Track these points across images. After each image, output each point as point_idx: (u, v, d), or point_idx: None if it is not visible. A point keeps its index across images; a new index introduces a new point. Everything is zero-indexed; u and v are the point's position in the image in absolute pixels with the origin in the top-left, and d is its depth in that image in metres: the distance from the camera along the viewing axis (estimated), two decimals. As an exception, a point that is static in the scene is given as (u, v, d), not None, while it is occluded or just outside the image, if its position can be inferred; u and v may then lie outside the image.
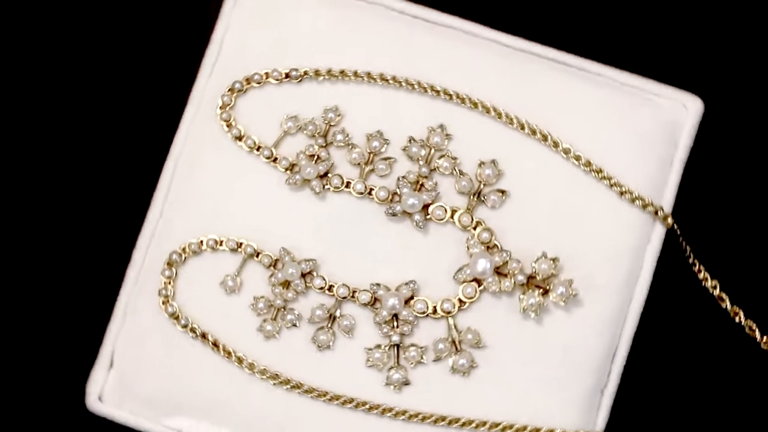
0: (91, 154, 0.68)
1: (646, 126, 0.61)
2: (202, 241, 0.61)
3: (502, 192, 0.60)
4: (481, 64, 0.62)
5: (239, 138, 0.61)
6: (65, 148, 0.68)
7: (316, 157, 0.61)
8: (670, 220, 0.60)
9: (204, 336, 0.60)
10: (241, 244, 0.60)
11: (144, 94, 0.68)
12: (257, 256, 0.60)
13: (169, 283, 0.61)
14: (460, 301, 0.60)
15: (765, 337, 0.63)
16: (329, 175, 0.61)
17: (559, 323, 0.60)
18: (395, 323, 0.60)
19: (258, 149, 0.61)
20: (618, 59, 0.65)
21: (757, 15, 0.68)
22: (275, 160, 0.61)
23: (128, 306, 0.62)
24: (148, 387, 0.61)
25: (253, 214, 0.61)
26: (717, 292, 0.63)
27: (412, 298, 0.60)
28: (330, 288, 0.60)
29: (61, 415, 0.66)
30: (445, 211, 0.60)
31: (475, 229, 0.60)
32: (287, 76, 0.62)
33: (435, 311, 0.60)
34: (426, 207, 0.60)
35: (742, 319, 0.63)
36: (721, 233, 0.66)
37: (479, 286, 0.60)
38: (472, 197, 0.60)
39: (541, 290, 0.59)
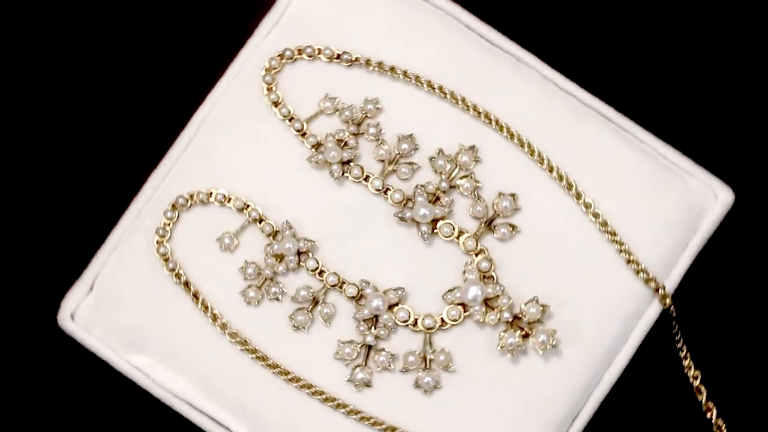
0: (115, 95, 0.68)
1: (672, 203, 0.60)
2: (211, 193, 0.61)
3: (513, 227, 0.60)
4: (531, 98, 0.61)
5: (276, 104, 0.61)
6: (87, 92, 0.68)
7: (343, 142, 0.61)
8: (668, 301, 0.60)
9: (187, 284, 0.60)
10: (248, 206, 0.61)
11: (179, 50, 0.68)
12: (260, 222, 0.60)
13: (169, 224, 0.61)
14: (443, 320, 0.59)
15: (730, 440, 0.63)
16: (351, 163, 0.61)
17: (534, 369, 0.60)
18: (374, 324, 0.60)
19: (290, 120, 0.61)
20: (661, 129, 0.64)
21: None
22: (304, 134, 0.61)
23: (123, 236, 0.62)
24: (119, 319, 0.61)
25: (267, 181, 0.61)
26: (697, 383, 0.63)
27: (397, 304, 0.60)
28: (321, 273, 0.60)
29: (33, 327, 0.66)
30: (453, 230, 0.60)
31: (477, 255, 0.60)
32: (338, 57, 0.62)
33: (416, 324, 0.60)
34: (436, 221, 0.60)
35: (714, 417, 0.63)
36: (718, 327, 0.66)
37: (465, 312, 0.59)
38: (483, 224, 0.60)
39: (523, 332, 0.59)
